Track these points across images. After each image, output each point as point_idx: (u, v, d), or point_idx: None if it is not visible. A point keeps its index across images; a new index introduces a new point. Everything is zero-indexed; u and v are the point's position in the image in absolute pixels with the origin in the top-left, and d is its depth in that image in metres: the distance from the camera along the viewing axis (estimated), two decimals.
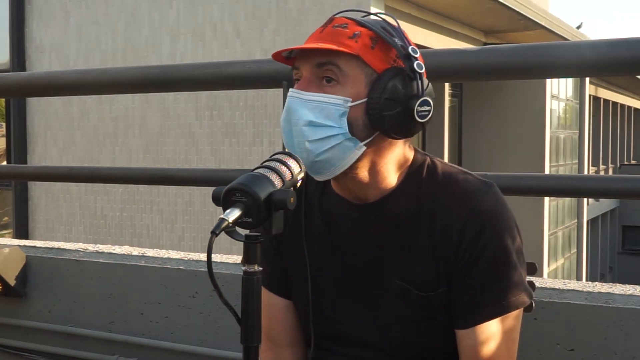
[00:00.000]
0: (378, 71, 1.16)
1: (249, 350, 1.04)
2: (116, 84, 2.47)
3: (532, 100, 12.85)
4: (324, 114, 1.15)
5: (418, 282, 1.22)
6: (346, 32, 1.16)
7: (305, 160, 1.16)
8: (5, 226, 12.80)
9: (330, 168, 1.18)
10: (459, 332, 1.22)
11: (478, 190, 1.21)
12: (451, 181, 1.23)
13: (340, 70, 1.15)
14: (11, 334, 2.50)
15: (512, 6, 10.92)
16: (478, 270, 1.19)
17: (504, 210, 1.21)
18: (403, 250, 1.23)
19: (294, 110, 1.17)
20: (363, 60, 1.15)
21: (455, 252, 1.19)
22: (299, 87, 1.18)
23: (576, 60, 1.74)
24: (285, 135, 1.19)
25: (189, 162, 10.23)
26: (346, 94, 1.15)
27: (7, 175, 4.05)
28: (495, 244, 1.18)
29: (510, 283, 1.19)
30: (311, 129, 1.15)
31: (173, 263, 2.24)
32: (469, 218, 1.18)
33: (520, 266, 1.21)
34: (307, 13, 9.50)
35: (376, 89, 1.14)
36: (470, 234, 1.18)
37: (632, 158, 27.20)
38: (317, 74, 1.17)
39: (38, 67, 11.33)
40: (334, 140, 1.15)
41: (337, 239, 1.28)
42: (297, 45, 1.18)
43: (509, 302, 1.19)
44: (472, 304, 1.20)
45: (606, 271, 20.93)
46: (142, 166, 8.57)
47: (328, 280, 1.29)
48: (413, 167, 1.25)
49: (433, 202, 1.22)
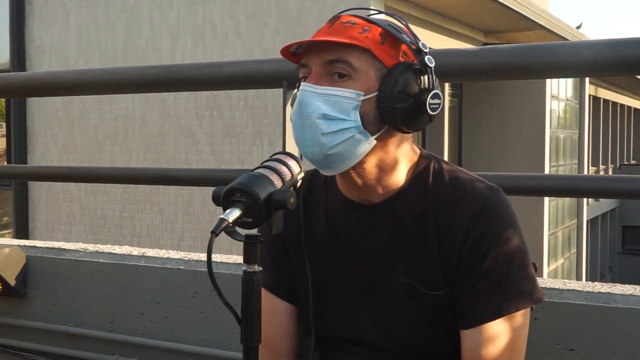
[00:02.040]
0: (388, 66, 1.17)
1: (249, 350, 1.04)
2: (116, 84, 2.47)
3: (532, 100, 12.84)
4: (338, 107, 1.15)
5: (425, 280, 1.22)
6: (356, 28, 1.17)
7: (317, 154, 1.17)
8: (5, 226, 12.80)
9: (342, 162, 1.18)
10: (462, 333, 1.22)
11: (483, 193, 1.21)
12: (457, 183, 1.23)
13: (350, 66, 1.15)
14: (11, 334, 2.50)
15: (512, 6, 10.92)
16: (480, 272, 1.19)
17: (508, 214, 1.21)
18: (409, 249, 1.23)
19: (307, 104, 1.16)
20: (374, 54, 1.16)
21: (458, 253, 1.20)
22: (310, 81, 1.17)
23: (576, 60, 1.74)
24: (297, 129, 1.19)
25: (189, 162, 10.23)
26: (358, 87, 1.16)
27: (7, 175, 4.05)
28: (499, 246, 1.18)
29: (513, 285, 1.19)
30: (325, 122, 1.15)
31: (173, 263, 2.24)
32: (473, 220, 1.19)
33: (524, 269, 1.21)
34: (307, 13, 9.49)
35: (387, 82, 1.15)
36: (473, 235, 1.19)
37: (632, 158, 27.19)
38: (327, 70, 1.17)
39: (38, 67, 11.33)
40: (347, 134, 1.15)
41: (343, 240, 1.28)
42: (305, 40, 1.18)
43: (511, 303, 1.19)
44: (474, 305, 1.20)
45: (606, 271, 20.93)
46: (142, 166, 8.57)
47: (333, 281, 1.29)
48: (419, 167, 1.26)
49: (439, 204, 1.22)
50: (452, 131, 12.82)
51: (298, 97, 1.18)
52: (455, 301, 1.22)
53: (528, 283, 1.21)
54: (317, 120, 1.15)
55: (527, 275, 1.21)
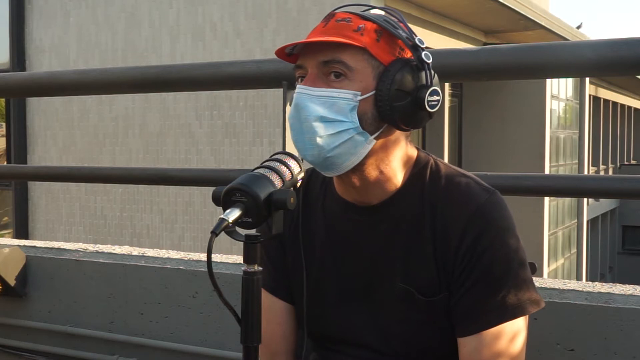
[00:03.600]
0: (384, 63, 1.14)
1: (249, 350, 1.04)
2: (116, 84, 2.47)
3: (532, 100, 12.84)
4: (335, 108, 1.13)
5: (421, 285, 1.21)
6: (350, 26, 1.14)
7: (316, 157, 1.15)
8: (5, 226, 12.80)
9: (342, 164, 1.16)
10: (460, 340, 1.21)
11: (479, 196, 1.20)
12: (453, 185, 1.22)
13: (346, 66, 1.13)
14: (11, 334, 2.50)
15: (512, 6, 10.92)
16: (476, 277, 1.17)
17: (505, 217, 1.20)
18: (406, 252, 1.22)
19: (303, 107, 1.14)
20: (370, 52, 1.14)
21: (454, 257, 1.18)
22: (306, 83, 1.15)
23: (576, 60, 1.73)
24: (295, 132, 1.17)
25: (189, 162, 10.23)
26: (354, 88, 1.14)
27: (7, 175, 4.05)
28: (493, 250, 1.17)
29: (511, 290, 1.17)
30: (322, 125, 1.13)
31: (173, 263, 2.23)
32: (468, 223, 1.17)
33: (522, 273, 1.19)
34: (307, 13, 9.50)
35: (385, 80, 1.13)
36: (468, 239, 1.17)
37: (632, 158, 27.18)
38: (323, 71, 1.15)
39: (38, 67, 11.33)
40: (346, 135, 1.14)
41: (340, 241, 1.28)
42: (299, 41, 1.16)
43: (508, 309, 1.17)
44: (471, 311, 1.18)
45: (606, 271, 20.92)
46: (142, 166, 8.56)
47: (330, 282, 1.28)
48: (417, 168, 1.24)
49: (435, 205, 1.21)
50: (452, 131, 12.82)
51: (294, 100, 1.16)
52: (451, 307, 1.20)
53: (525, 288, 1.19)
54: (315, 123, 1.14)
55: (525, 280, 1.19)
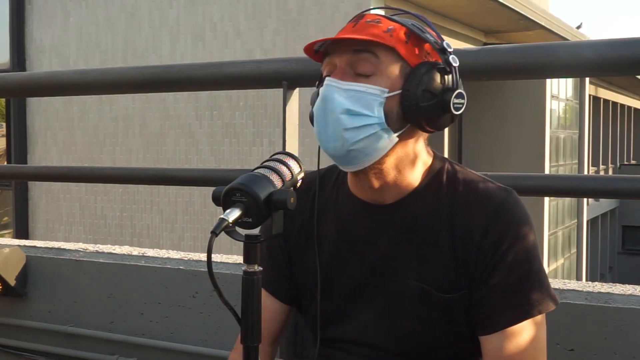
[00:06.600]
0: (412, 65, 1.17)
1: (249, 350, 1.04)
2: (116, 84, 2.47)
3: (532, 100, 12.84)
4: (362, 103, 1.15)
5: (438, 283, 1.21)
6: (380, 27, 1.17)
7: (339, 149, 1.16)
8: (5, 226, 12.81)
9: (363, 158, 1.17)
10: (482, 338, 1.21)
11: (498, 195, 1.21)
12: (472, 186, 1.23)
13: (377, 57, 1.15)
14: (11, 334, 2.50)
15: (512, 6, 10.93)
16: (500, 273, 1.18)
17: (524, 214, 1.21)
18: (421, 251, 1.22)
19: (331, 99, 1.16)
20: (398, 53, 1.16)
21: (476, 254, 1.19)
22: (335, 76, 1.17)
23: (576, 60, 1.74)
24: (320, 124, 1.18)
25: (189, 162, 10.24)
26: (382, 84, 1.16)
27: (7, 175, 4.05)
28: (517, 247, 1.18)
29: (534, 287, 1.18)
30: (348, 117, 1.15)
31: (173, 263, 2.24)
32: (491, 220, 1.18)
33: (542, 270, 1.20)
34: (307, 13, 9.50)
35: (412, 81, 1.15)
36: (492, 236, 1.18)
37: (632, 158, 27.19)
38: (352, 65, 1.17)
39: (38, 67, 11.33)
40: (371, 130, 1.15)
41: (352, 240, 1.28)
42: (329, 37, 1.18)
43: (533, 305, 1.18)
44: (494, 308, 1.19)
45: (606, 271, 20.93)
46: (142, 166, 8.56)
47: (340, 281, 1.29)
48: (433, 170, 1.26)
49: (453, 206, 1.22)
50: (452, 131, 12.81)
51: (322, 92, 1.17)
52: (473, 305, 1.20)
53: (546, 284, 1.20)
54: (341, 115, 1.15)
55: (546, 277, 1.21)
